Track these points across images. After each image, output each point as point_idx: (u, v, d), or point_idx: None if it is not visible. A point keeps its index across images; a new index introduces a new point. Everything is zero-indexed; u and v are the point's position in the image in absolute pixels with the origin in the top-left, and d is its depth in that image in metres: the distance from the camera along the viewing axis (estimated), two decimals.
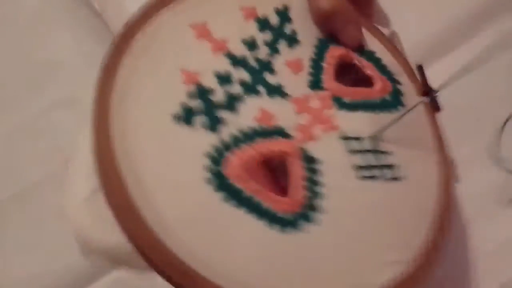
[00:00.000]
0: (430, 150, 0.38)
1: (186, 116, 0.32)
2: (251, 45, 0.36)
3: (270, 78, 0.35)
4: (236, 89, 0.34)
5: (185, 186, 0.31)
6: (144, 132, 0.32)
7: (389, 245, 0.34)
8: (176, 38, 0.35)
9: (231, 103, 0.33)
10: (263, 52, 0.36)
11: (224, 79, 0.34)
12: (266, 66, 0.36)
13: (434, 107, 0.37)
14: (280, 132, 0.34)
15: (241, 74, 0.35)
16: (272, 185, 0.33)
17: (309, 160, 0.34)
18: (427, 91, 0.37)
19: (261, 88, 0.35)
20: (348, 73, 0.38)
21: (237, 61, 0.35)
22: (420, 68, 0.37)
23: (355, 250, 0.33)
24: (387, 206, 0.35)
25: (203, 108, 0.33)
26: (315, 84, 0.37)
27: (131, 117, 0.32)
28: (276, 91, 0.35)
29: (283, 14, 0.38)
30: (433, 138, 0.38)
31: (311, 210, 0.32)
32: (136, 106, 0.32)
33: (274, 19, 0.38)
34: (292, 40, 0.37)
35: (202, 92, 0.33)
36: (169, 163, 0.31)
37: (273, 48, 0.37)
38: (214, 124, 0.32)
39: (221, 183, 0.31)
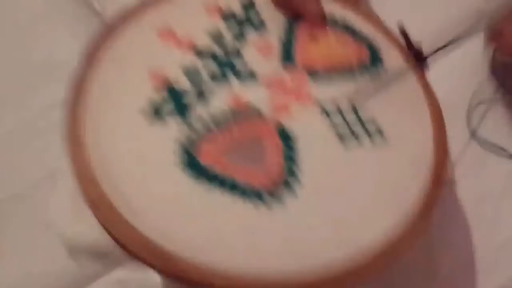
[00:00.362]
0: (421, 107, 0.38)
1: (154, 110, 0.34)
2: (217, 37, 0.37)
3: (240, 65, 0.37)
4: (205, 80, 0.35)
5: (158, 176, 0.32)
6: (115, 132, 0.33)
7: (378, 207, 0.34)
8: (142, 46, 0.36)
9: (201, 94, 0.35)
10: (230, 42, 0.37)
11: (191, 72, 0.36)
12: (235, 54, 0.37)
13: (421, 66, 0.37)
14: (255, 114, 0.35)
15: (210, 66, 0.36)
16: (252, 165, 0.33)
17: (286, 137, 0.35)
18: (413, 52, 0.37)
19: (231, 76, 0.36)
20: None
21: (204, 54, 0.36)
22: (403, 30, 0.37)
23: (340, 217, 0.33)
24: (375, 170, 0.35)
25: (171, 100, 0.34)
26: (288, 62, 0.38)
27: (104, 119, 0.33)
28: (247, 76, 0.36)
29: (249, 4, 0.39)
30: (424, 95, 0.38)
31: (290, 185, 0.33)
32: (108, 109, 0.34)
33: (239, 10, 0.39)
34: (260, 26, 0.39)
35: (169, 86, 0.35)
36: (141, 156, 0.32)
37: (240, 36, 0.38)
38: (183, 113, 0.34)
39: (200, 172, 0.32)
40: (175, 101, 0.34)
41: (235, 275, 0.30)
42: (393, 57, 0.39)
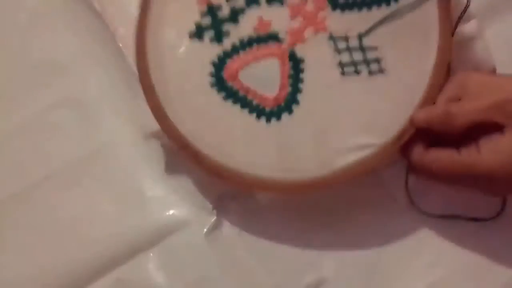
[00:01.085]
0: (430, 37, 0.38)
1: (198, 33, 0.40)
2: None
3: None
4: (239, 2, 0.41)
5: (194, 89, 0.40)
6: (168, 49, 0.40)
7: (360, 130, 0.38)
8: None
9: (234, 16, 0.40)
10: None
11: None
12: None
13: None
14: (274, 37, 0.40)
15: None
16: (263, 84, 0.40)
17: (296, 60, 0.39)
18: None
19: None
20: None
21: None
22: None
23: (325, 133, 0.38)
24: (366, 97, 0.38)
25: (211, 24, 0.40)
26: None
27: (161, 39, 0.40)
28: None
29: None
30: (438, 25, 0.38)
31: (289, 103, 0.39)
32: (164, 29, 0.41)
33: None
34: None
35: (211, 10, 0.40)
36: (184, 72, 0.40)
37: None
38: (219, 36, 0.40)
39: (222, 85, 0.40)
40: (214, 23, 0.40)
41: (237, 171, 0.38)
42: None
